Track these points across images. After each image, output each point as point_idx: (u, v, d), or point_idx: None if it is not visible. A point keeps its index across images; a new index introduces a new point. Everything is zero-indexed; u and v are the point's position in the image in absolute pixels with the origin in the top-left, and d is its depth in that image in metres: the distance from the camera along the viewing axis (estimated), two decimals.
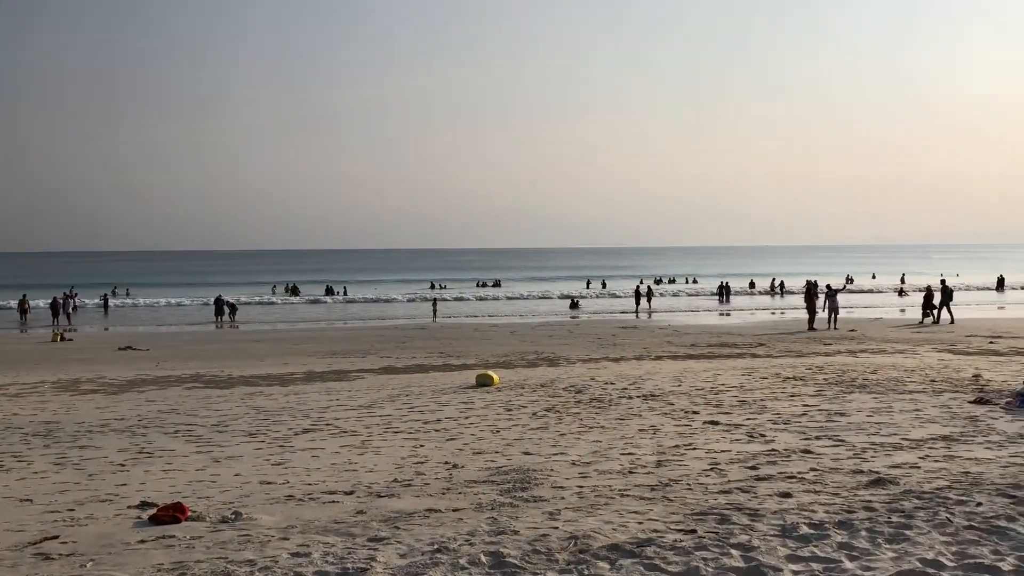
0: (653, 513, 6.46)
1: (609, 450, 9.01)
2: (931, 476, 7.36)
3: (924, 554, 5.25)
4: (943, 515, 6.08)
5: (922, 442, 8.86)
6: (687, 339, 25.57)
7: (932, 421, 10.04)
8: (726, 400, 12.14)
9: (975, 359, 17.67)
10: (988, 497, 6.58)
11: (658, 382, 14.36)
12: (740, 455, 8.50)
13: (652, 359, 19.87)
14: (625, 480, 7.63)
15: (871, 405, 11.29)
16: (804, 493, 6.92)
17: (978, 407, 10.90)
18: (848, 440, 9.06)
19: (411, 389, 14.71)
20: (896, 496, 6.70)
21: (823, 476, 7.50)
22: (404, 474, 8.18)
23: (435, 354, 22.51)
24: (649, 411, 11.43)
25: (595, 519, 6.32)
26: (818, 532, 5.77)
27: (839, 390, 12.78)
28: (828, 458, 8.23)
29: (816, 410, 11.03)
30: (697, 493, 7.05)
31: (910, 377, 14.10)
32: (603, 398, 12.69)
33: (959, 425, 9.72)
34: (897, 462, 7.96)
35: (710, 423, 10.39)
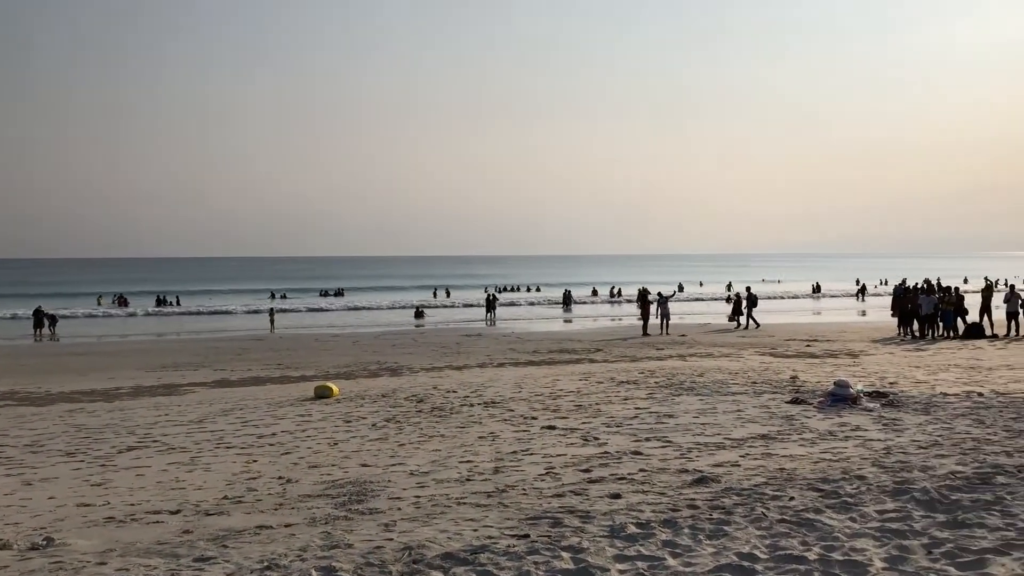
0: (488, 520, 6.52)
1: (448, 459, 9.03)
2: (750, 473, 7.78)
3: (741, 548, 5.54)
4: (759, 510, 6.44)
5: (743, 441, 9.36)
6: (529, 346, 25.99)
7: (752, 421, 10.63)
8: (563, 405, 12.42)
9: (793, 361, 18.85)
10: (800, 491, 7.02)
11: (499, 389, 14.53)
12: (575, 459, 8.71)
13: (495, 366, 20.07)
14: (463, 488, 7.67)
15: (697, 407, 11.84)
16: (633, 494, 7.16)
17: (794, 407, 11.62)
18: (676, 441, 9.46)
19: (246, 403, 14.23)
20: (718, 494, 7.04)
21: (651, 476, 7.80)
22: (235, 491, 7.91)
23: (272, 366, 21.89)
24: (489, 418, 11.54)
25: (431, 528, 6.32)
26: (644, 531, 5.99)
27: (669, 393, 13.34)
28: (657, 459, 8.57)
29: (647, 412, 11.46)
30: (532, 498, 7.17)
31: (734, 379, 14.88)
32: (444, 407, 12.71)
33: (776, 424, 10.34)
34: (720, 461, 8.37)
35: (548, 428, 10.60)
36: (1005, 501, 6.47)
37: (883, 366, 17.29)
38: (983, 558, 5.17)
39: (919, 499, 6.59)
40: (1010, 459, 7.96)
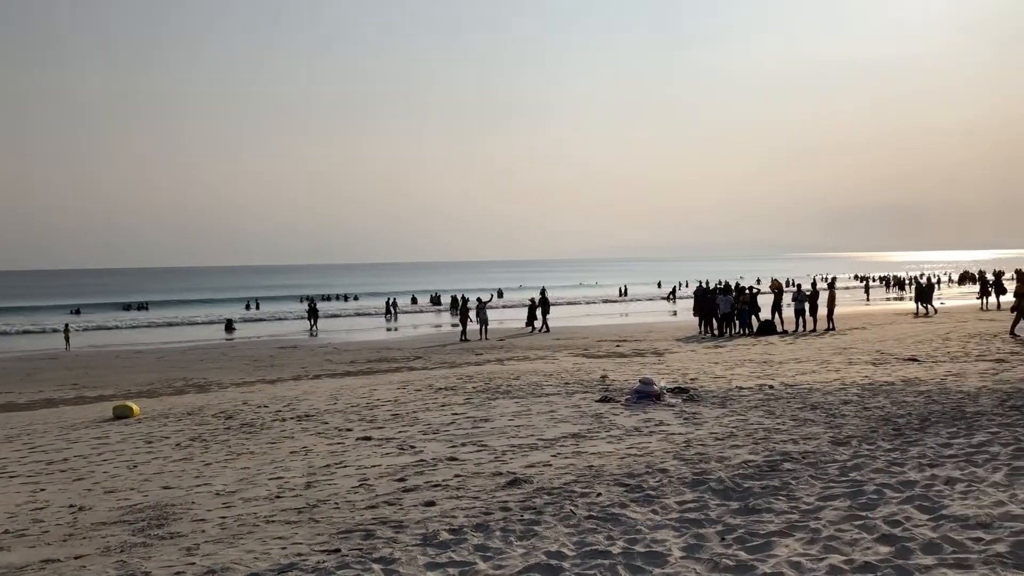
0: (298, 536, 6.33)
1: (257, 476, 8.70)
2: (561, 472, 7.97)
3: (549, 547, 5.65)
4: (568, 508, 6.61)
5: (555, 441, 9.59)
6: (347, 356, 25.56)
7: (564, 420, 10.91)
8: (380, 415, 12.28)
9: (604, 361, 19.55)
10: (607, 487, 7.26)
11: (314, 402, 14.17)
12: (390, 468, 8.61)
13: (310, 379, 19.60)
14: (272, 505, 7.41)
15: (513, 409, 12.03)
16: (447, 500, 7.17)
17: (603, 405, 12.04)
18: (491, 444, 9.55)
19: (34, 427, 13.16)
20: (530, 494, 7.16)
21: (466, 481, 7.83)
22: (18, 523, 7.27)
23: (67, 386, 20.39)
24: (303, 432, 11.23)
25: (236, 549, 6.06)
26: (457, 537, 6.00)
27: (485, 397, 13.48)
28: (472, 463, 8.62)
29: (464, 418, 11.52)
30: (344, 511, 7.02)
31: (548, 381, 15.25)
32: (255, 422, 12.26)
33: (587, 423, 10.66)
34: (532, 462, 8.53)
35: (363, 439, 10.43)
36: (791, 486, 6.96)
37: (685, 363, 18.24)
38: (770, 541, 5.54)
39: (715, 489, 6.98)
40: (796, 446, 8.57)
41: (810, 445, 8.59)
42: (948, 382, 12.83)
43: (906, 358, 16.88)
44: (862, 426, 9.53)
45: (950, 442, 8.35)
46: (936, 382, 12.90)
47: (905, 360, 16.55)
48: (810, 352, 19.68)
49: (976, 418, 9.63)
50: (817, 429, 9.48)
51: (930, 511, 5.99)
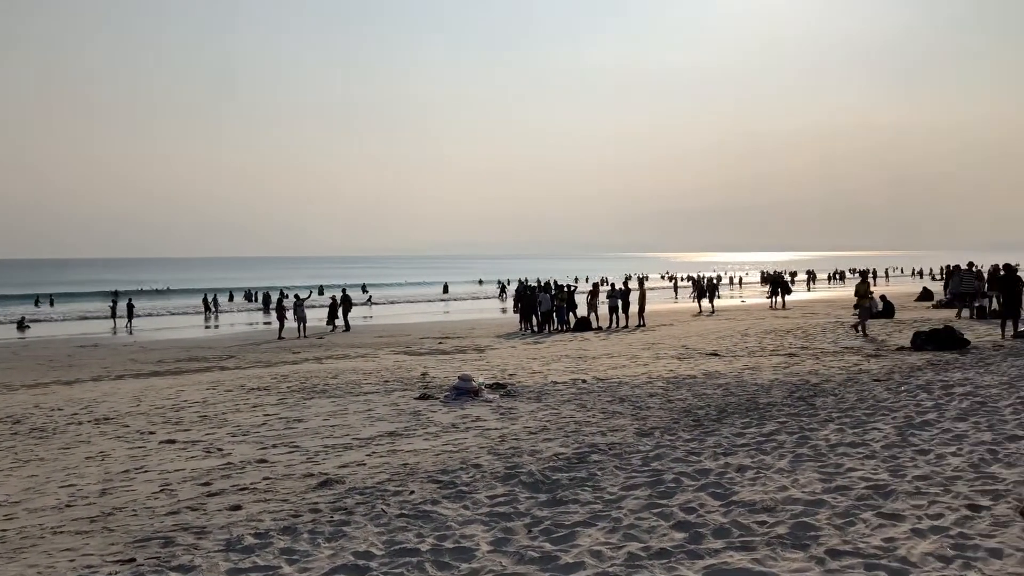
0: (90, 547, 5.93)
1: (46, 484, 8.10)
2: (375, 471, 7.90)
3: (358, 547, 5.58)
4: (379, 507, 6.55)
5: (371, 440, 9.49)
6: (154, 355, 24.22)
7: (382, 419, 10.82)
8: (187, 416, 11.73)
9: (425, 359, 19.54)
10: (420, 484, 7.25)
11: (115, 404, 13.35)
12: (194, 472, 8.24)
13: (112, 379, 18.42)
14: (61, 515, 6.91)
15: (328, 409, 11.80)
16: (255, 503, 6.93)
17: (422, 402, 12.03)
18: (303, 445, 9.33)
19: None
20: (341, 495, 7.05)
21: (275, 484, 7.61)
22: None
23: None
24: (100, 436, 10.56)
25: (18, 565, 5.61)
26: (263, 541, 5.81)
27: (300, 397, 13.16)
28: (282, 465, 8.38)
29: (276, 418, 11.19)
30: (143, 518, 6.65)
31: (367, 379, 15.07)
32: (47, 427, 11.41)
33: (404, 421, 10.62)
34: (346, 461, 8.40)
35: (167, 442, 9.93)
36: (597, 477, 7.21)
37: (505, 359, 18.54)
38: (574, 531, 5.71)
39: (525, 482, 7.13)
40: (604, 438, 8.90)
41: (617, 437, 8.94)
42: (745, 375, 13.70)
43: (708, 353, 17.89)
44: (665, 418, 10.02)
45: (743, 432, 8.91)
46: (734, 375, 13.75)
47: (707, 355, 17.53)
48: (622, 347, 20.48)
49: (768, 409, 10.34)
50: (624, 421, 9.88)
51: (722, 497, 6.37)
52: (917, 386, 11.62)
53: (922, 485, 6.48)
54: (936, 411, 9.64)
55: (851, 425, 9.02)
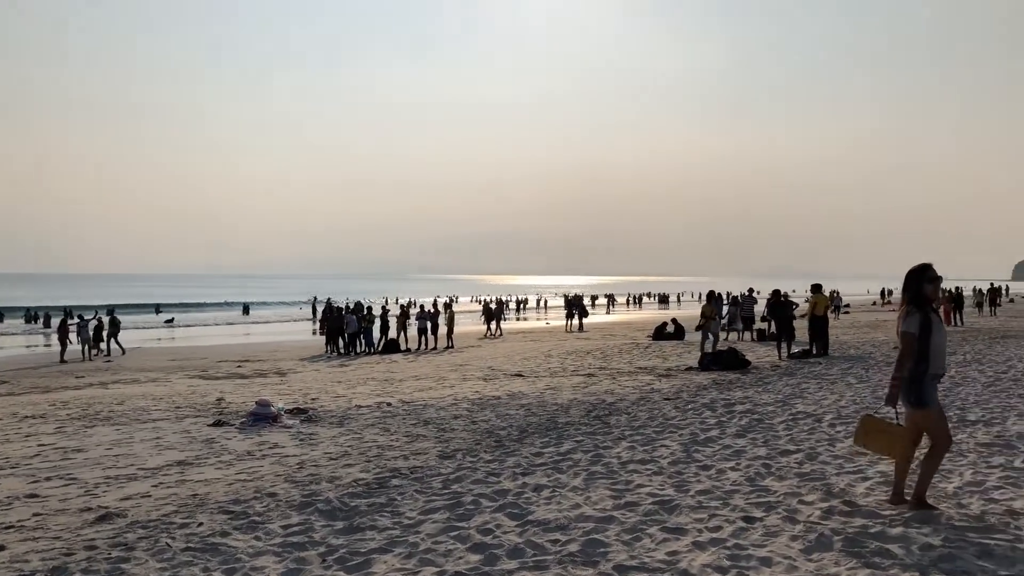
0: None
1: None
2: (161, 503, 7.44)
3: None
4: (164, 541, 6.17)
5: (158, 470, 8.94)
6: None
7: (171, 447, 10.23)
8: None
9: (222, 383, 18.72)
10: (210, 516, 6.90)
11: None
12: None
13: None
14: None
15: (112, 437, 11.03)
16: (21, 543, 6.34)
17: (216, 429, 11.48)
18: (82, 477, 8.65)
19: None
20: (121, 529, 6.58)
21: (47, 520, 7.00)
22: None
23: None
24: None
25: None
26: None
27: (81, 425, 12.22)
28: (56, 499, 7.73)
29: (52, 449, 10.33)
30: None
31: (157, 405, 14.23)
32: None
33: (195, 449, 10.09)
34: (129, 493, 7.86)
35: None
36: (396, 502, 7.13)
37: (308, 383, 18.08)
38: (369, 558, 5.61)
39: (322, 510, 6.94)
40: (407, 462, 8.83)
41: (419, 460, 8.91)
42: (546, 395, 14.06)
43: (513, 374, 18.24)
44: (468, 439, 10.09)
45: (542, 451, 9.12)
46: (536, 395, 14.08)
47: (512, 375, 17.87)
48: (429, 369, 20.51)
49: (566, 428, 10.65)
50: (427, 444, 9.86)
51: (518, 517, 6.47)
52: (702, 404, 12.35)
53: (703, 499, 6.87)
54: (718, 428, 10.28)
55: (642, 443, 9.44)
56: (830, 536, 5.75)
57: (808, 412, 11.34)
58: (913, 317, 6.13)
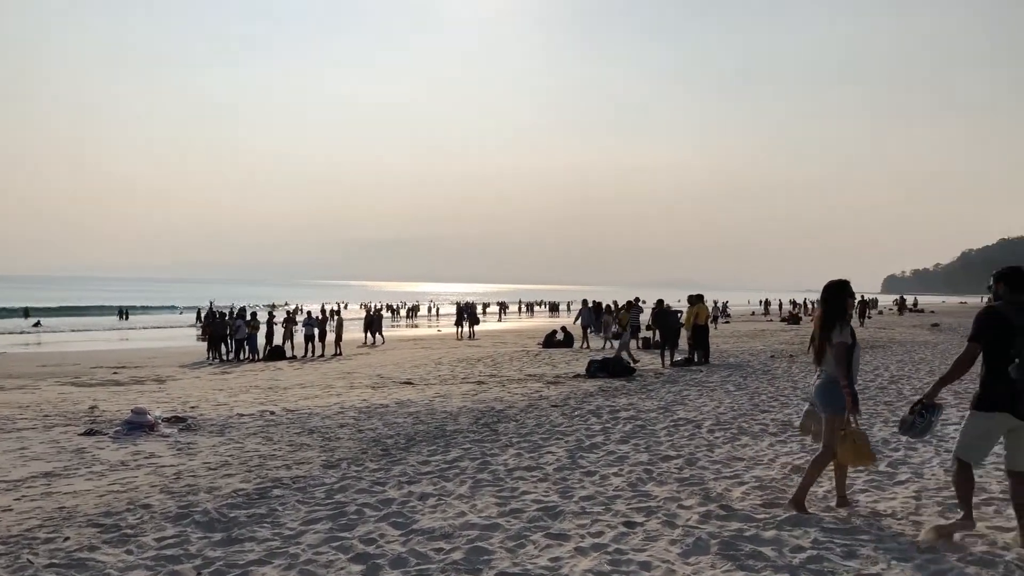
0: None
1: None
2: (23, 517, 7.04)
3: None
4: (25, 557, 5.85)
5: (21, 482, 8.46)
6: None
7: (37, 458, 9.70)
8: None
9: (96, 390, 17.88)
10: (78, 530, 6.58)
11: None
12: None
13: None
14: None
15: None
16: None
17: (87, 439, 10.97)
18: None
19: None
20: None
21: None
22: None
23: None
24: None
25: None
26: None
27: None
28: None
29: None
30: None
31: (23, 414, 13.48)
32: None
33: (64, 459, 9.61)
34: None
35: None
36: (277, 512, 6.96)
37: (188, 390, 17.48)
38: (248, 571, 5.46)
39: (200, 521, 6.71)
40: (289, 472, 8.63)
41: (303, 470, 8.72)
42: (435, 403, 14.00)
43: (403, 381, 18.10)
44: (354, 448, 9.95)
45: (429, 459, 9.08)
46: (425, 403, 14.00)
47: (402, 383, 17.73)
48: (316, 377, 20.14)
49: (454, 436, 10.63)
50: (312, 453, 9.67)
51: (402, 527, 6.41)
52: (588, 411, 12.55)
53: (587, 505, 6.97)
54: (603, 434, 10.46)
55: (528, 450, 9.52)
56: (707, 540, 5.93)
57: (689, 419, 11.67)
58: (846, 329, 6.43)
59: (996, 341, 5.60)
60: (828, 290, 6.63)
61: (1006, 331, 5.54)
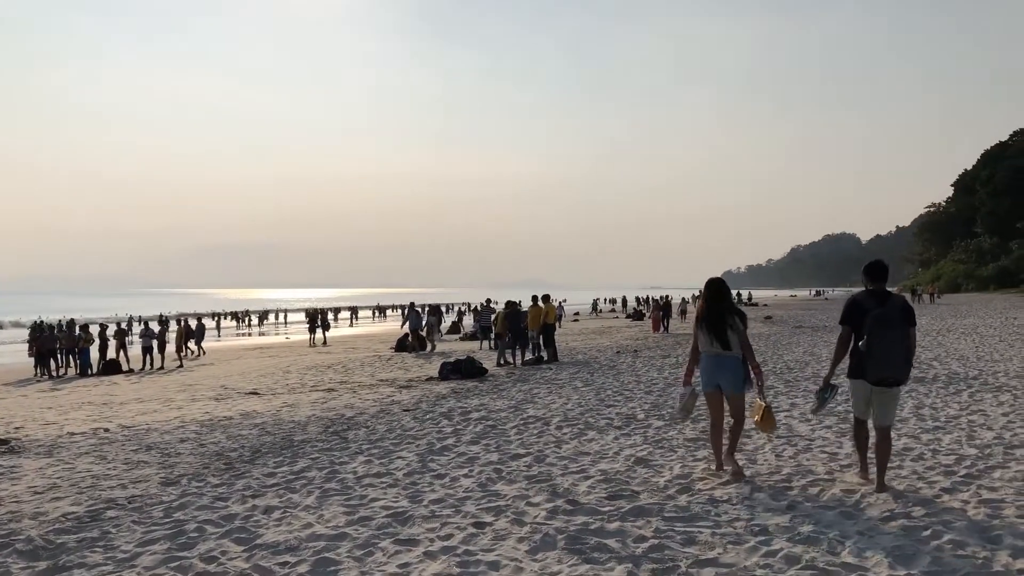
0: None
1: None
2: None
3: None
4: None
5: None
6: None
7: None
8: None
9: None
10: None
11: None
12: None
13: None
14: None
15: None
16: None
17: None
18: None
19: None
20: None
21: None
22: None
23: None
24: None
25: None
26: None
27: None
28: None
29: None
30: None
31: None
32: None
33: None
34: None
35: None
36: (111, 535, 6.59)
37: (12, 409, 16.32)
38: None
39: (22, 550, 6.25)
40: (124, 491, 8.19)
41: (139, 488, 8.30)
42: (283, 413, 13.63)
43: (248, 392, 17.53)
44: (195, 463, 9.55)
45: (275, 471, 8.82)
46: (272, 413, 13.61)
47: (247, 394, 17.17)
48: (155, 391, 19.23)
49: (302, 446, 10.38)
50: (149, 471, 9.21)
51: (246, 542, 6.20)
52: (440, 414, 12.55)
53: (436, 508, 6.97)
54: (455, 436, 10.49)
55: (379, 456, 9.42)
56: (554, 535, 6.04)
57: (538, 416, 11.88)
58: (742, 319, 7.59)
59: (855, 322, 6.84)
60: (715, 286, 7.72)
61: (860, 314, 6.76)
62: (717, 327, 7.47)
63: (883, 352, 6.58)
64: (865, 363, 6.69)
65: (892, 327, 6.57)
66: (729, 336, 7.43)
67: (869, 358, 6.64)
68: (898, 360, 6.62)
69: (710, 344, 7.53)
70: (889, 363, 6.61)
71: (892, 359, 6.60)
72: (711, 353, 7.56)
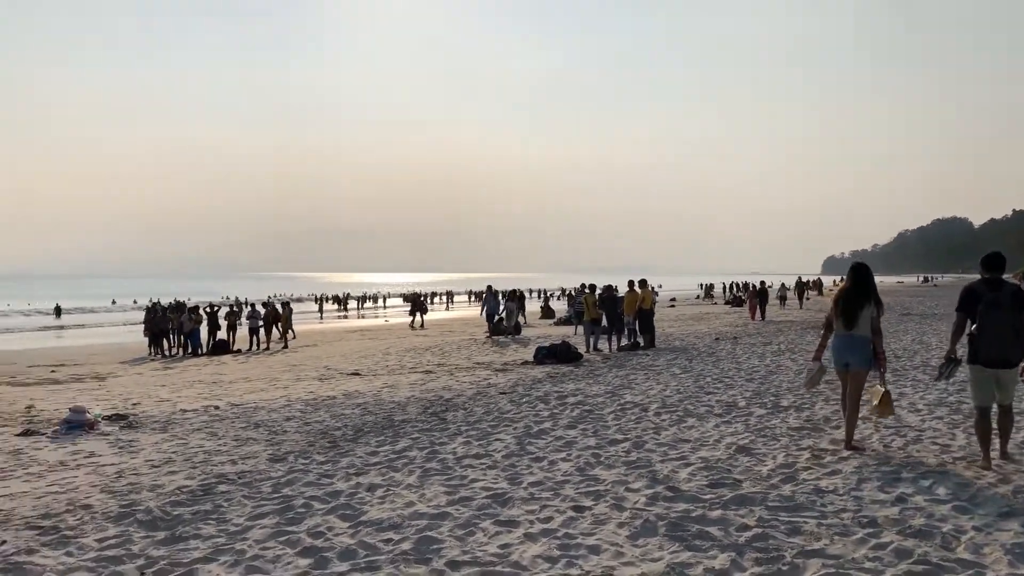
0: None
1: None
2: None
3: None
4: None
5: None
6: None
7: None
8: None
9: (33, 389, 17.43)
10: (15, 533, 6.39)
11: None
12: None
13: None
14: None
15: None
16: None
17: (24, 439, 10.67)
18: None
19: None
20: None
21: None
22: None
23: None
24: None
25: None
26: None
27: None
28: None
29: None
30: None
31: None
32: None
33: (0, 461, 9.34)
34: None
35: None
36: (222, 508, 6.85)
37: (129, 387, 17.13)
38: (192, 569, 5.36)
39: (142, 520, 6.57)
40: (234, 467, 8.50)
41: (248, 464, 8.60)
42: (383, 394, 13.92)
43: (350, 373, 17.96)
44: (301, 441, 9.84)
45: (377, 450, 9.02)
46: (373, 394, 13.91)
47: (349, 375, 17.60)
48: (261, 371, 19.88)
49: (402, 426, 10.58)
50: (258, 448, 9.54)
51: (351, 519, 6.36)
52: (536, 397, 12.59)
53: (535, 491, 6.99)
54: (551, 420, 10.51)
55: (477, 437, 9.52)
56: (655, 521, 5.99)
57: (636, 402, 11.79)
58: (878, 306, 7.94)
59: (970, 309, 7.14)
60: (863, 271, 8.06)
61: (975, 301, 7.08)
62: (851, 309, 7.80)
63: (993, 334, 6.97)
64: (978, 345, 7.07)
65: (1002, 310, 6.94)
66: (860, 318, 7.78)
67: (981, 340, 7.03)
68: (1008, 341, 6.95)
69: (842, 325, 7.87)
70: (999, 344, 6.96)
71: (1002, 340, 6.95)
72: (842, 333, 7.89)
